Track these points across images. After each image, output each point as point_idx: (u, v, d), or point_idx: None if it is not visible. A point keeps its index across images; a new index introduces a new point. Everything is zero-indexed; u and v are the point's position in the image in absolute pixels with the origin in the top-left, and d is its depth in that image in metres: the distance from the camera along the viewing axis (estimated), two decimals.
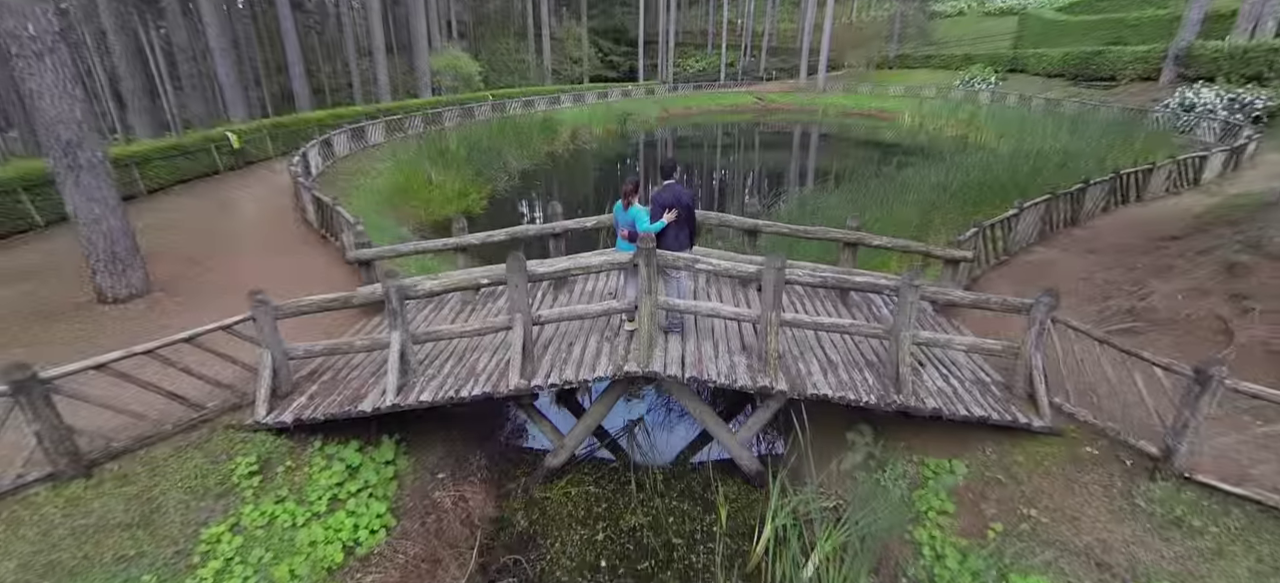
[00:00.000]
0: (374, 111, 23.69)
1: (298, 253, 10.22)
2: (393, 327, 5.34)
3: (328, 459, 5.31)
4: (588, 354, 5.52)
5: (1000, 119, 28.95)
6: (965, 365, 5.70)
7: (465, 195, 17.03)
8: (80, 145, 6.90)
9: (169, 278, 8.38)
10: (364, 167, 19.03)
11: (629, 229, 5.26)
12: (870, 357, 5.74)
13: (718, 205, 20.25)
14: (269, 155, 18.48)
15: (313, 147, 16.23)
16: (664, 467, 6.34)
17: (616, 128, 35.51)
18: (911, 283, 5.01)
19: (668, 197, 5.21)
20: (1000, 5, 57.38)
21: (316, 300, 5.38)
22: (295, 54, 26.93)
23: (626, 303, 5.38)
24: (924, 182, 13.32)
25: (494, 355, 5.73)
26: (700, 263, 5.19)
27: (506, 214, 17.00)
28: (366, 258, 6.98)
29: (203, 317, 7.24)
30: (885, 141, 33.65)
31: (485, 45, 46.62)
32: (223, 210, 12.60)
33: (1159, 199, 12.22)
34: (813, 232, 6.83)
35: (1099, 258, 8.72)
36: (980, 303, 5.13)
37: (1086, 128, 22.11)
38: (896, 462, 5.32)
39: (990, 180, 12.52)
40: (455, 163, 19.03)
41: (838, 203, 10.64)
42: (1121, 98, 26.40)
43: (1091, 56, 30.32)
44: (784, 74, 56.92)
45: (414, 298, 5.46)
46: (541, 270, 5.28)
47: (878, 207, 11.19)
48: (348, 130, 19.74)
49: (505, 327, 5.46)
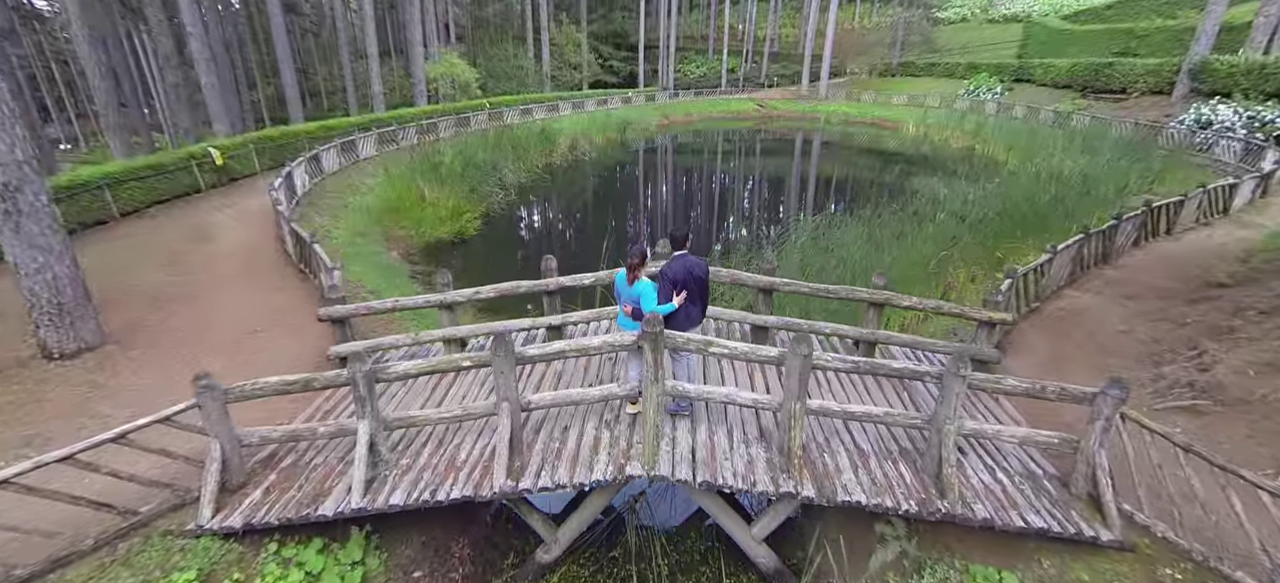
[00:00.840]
0: (366, 123, 22.98)
1: (276, 289, 9.52)
2: (361, 415, 4.65)
3: (283, 565, 4.61)
4: (584, 445, 4.84)
5: (1008, 131, 28.35)
6: (1013, 454, 5.03)
7: (459, 215, 16.33)
8: (20, 189, 6.19)
9: (127, 326, 7.68)
10: (354, 182, 18.34)
11: (633, 306, 4.58)
12: (904, 443, 5.06)
13: (718, 214, 19.61)
14: (255, 171, 17.76)
15: (299, 165, 15.51)
16: (670, 556, 5.65)
17: (616, 136, 34.85)
18: (958, 373, 4.33)
19: (679, 272, 4.53)
20: (1004, 12, 56.88)
21: (273, 383, 4.68)
22: (288, 61, 26.22)
23: (628, 390, 4.70)
24: (940, 209, 12.68)
25: (478, 441, 5.04)
26: (714, 347, 4.51)
27: (501, 235, 16.31)
28: (340, 316, 6.28)
29: (159, 375, 6.59)
30: (889, 151, 33.06)
31: (483, 51, 45.93)
32: (198, 237, 11.89)
33: (1189, 230, 11.57)
34: (835, 291, 6.16)
35: (1138, 306, 8.06)
36: (1036, 393, 4.46)
37: (1100, 145, 21.50)
38: (935, 565, 4.64)
39: (1011, 210, 11.88)
40: (450, 178, 18.34)
41: (854, 240, 9.98)
42: (1132, 112, 25.80)
43: (1101, 68, 29.73)
44: (785, 80, 56.32)
45: (385, 380, 4.77)
46: (531, 353, 4.59)
47: (894, 240, 10.52)
48: (338, 144, 19.03)
49: (490, 413, 4.77)
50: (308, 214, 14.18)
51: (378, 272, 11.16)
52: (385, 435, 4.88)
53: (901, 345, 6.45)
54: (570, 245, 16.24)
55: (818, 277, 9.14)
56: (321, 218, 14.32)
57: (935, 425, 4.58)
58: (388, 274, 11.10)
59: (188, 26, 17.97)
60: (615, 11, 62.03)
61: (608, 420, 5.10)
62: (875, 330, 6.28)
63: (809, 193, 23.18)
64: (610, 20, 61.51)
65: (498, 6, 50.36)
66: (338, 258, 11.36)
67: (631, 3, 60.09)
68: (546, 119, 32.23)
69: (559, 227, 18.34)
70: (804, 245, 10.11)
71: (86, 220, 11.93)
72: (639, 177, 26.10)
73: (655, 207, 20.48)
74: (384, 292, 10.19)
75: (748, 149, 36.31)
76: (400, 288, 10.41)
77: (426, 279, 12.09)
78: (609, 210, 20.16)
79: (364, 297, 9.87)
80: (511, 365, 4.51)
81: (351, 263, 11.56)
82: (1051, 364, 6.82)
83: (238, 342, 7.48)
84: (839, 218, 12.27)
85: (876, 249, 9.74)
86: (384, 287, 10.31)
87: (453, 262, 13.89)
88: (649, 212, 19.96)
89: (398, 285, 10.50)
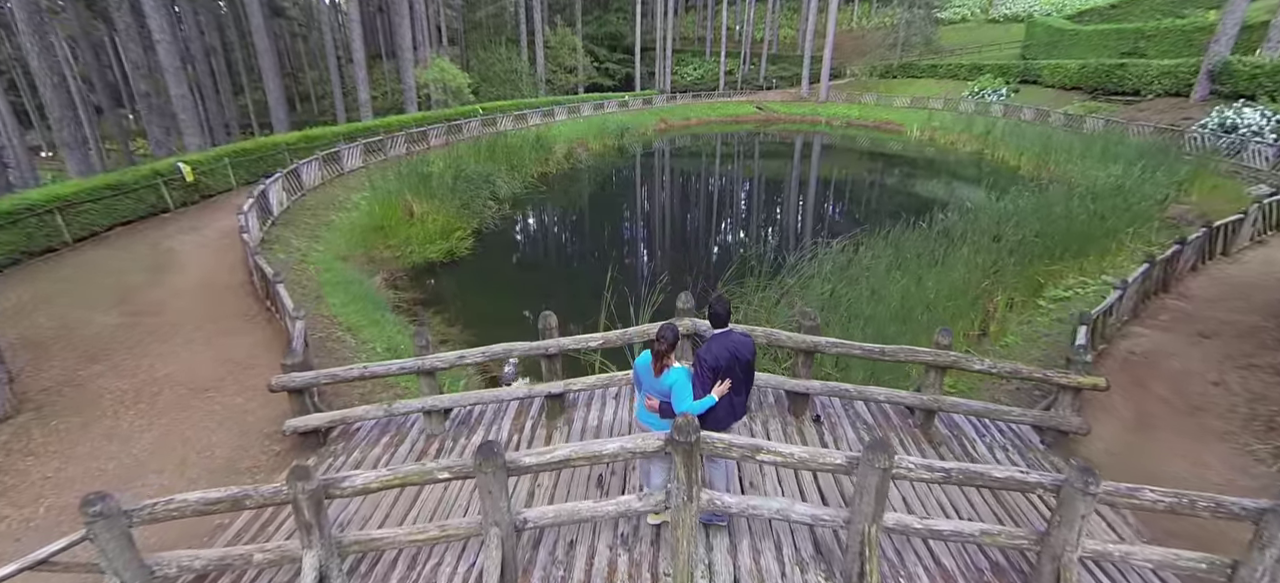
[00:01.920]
0: (351, 133, 21.84)
1: (238, 331, 8.42)
2: (307, 544, 3.58)
3: None
4: (597, 572, 3.79)
5: (1018, 135, 27.46)
6: (1140, 574, 4.01)
7: (449, 233, 15.24)
8: None
9: (53, 386, 6.57)
10: (337, 197, 17.23)
11: (662, 400, 3.54)
12: (997, 558, 4.04)
13: (723, 224, 18.55)
14: (231, 186, 16.62)
15: (274, 182, 14.38)
16: None
17: (614, 142, 33.80)
18: (1085, 489, 3.31)
19: (722, 357, 3.48)
20: (1004, 12, 56.21)
21: (192, 502, 3.60)
22: (272, 67, 25.05)
23: (651, 503, 3.65)
24: (970, 226, 11.68)
25: (462, 559, 3.99)
26: (763, 453, 3.47)
27: (495, 255, 15.21)
28: (297, 387, 5.20)
29: (78, 458, 5.37)
30: (895, 154, 32.18)
31: (476, 54, 44.81)
32: (157, 267, 10.76)
33: (1245, 249, 10.63)
34: (891, 352, 5.11)
35: (1221, 347, 7.07)
36: (1183, 509, 3.44)
37: (1118, 150, 20.62)
38: None
39: (1050, 229, 10.90)
40: (440, 192, 17.26)
41: (886, 271, 8.94)
42: (1148, 115, 24.94)
43: (1113, 69, 28.88)
44: (784, 82, 55.42)
45: (340, 496, 3.70)
46: (527, 462, 3.53)
47: (928, 265, 9.51)
48: (320, 157, 17.90)
49: (475, 533, 3.72)
50: (284, 236, 13.08)
51: (357, 304, 10.07)
52: (339, 562, 3.80)
53: (968, 413, 5.42)
54: (570, 262, 15.20)
55: (851, 313, 8.12)
56: (300, 240, 13.22)
57: (1049, 551, 3.55)
58: (368, 308, 10.01)
59: (155, 33, 16.76)
60: (611, 13, 60.99)
61: (624, 535, 4.05)
62: (938, 397, 5.25)
63: (821, 202, 22.19)
64: (605, 22, 60.47)
65: (491, 9, 49.23)
66: (310, 290, 10.28)
67: (627, 4, 59.13)
68: (542, 125, 31.17)
69: (557, 243, 17.28)
70: (831, 275, 9.08)
71: (33, 248, 10.78)
72: (638, 184, 25.08)
73: (655, 216, 19.45)
74: (362, 330, 9.11)
75: (749, 152, 35.33)
76: (379, 326, 9.33)
77: (411, 311, 11.01)
78: (609, 224, 19.12)
79: (339, 335, 8.78)
80: (502, 484, 3.45)
81: (330, 292, 10.48)
82: (1137, 429, 5.81)
83: (183, 404, 6.39)
84: (862, 236, 11.25)
85: (912, 279, 8.72)
86: (362, 324, 9.22)
87: (443, 286, 12.81)
88: (648, 222, 18.94)
89: (377, 323, 9.42)
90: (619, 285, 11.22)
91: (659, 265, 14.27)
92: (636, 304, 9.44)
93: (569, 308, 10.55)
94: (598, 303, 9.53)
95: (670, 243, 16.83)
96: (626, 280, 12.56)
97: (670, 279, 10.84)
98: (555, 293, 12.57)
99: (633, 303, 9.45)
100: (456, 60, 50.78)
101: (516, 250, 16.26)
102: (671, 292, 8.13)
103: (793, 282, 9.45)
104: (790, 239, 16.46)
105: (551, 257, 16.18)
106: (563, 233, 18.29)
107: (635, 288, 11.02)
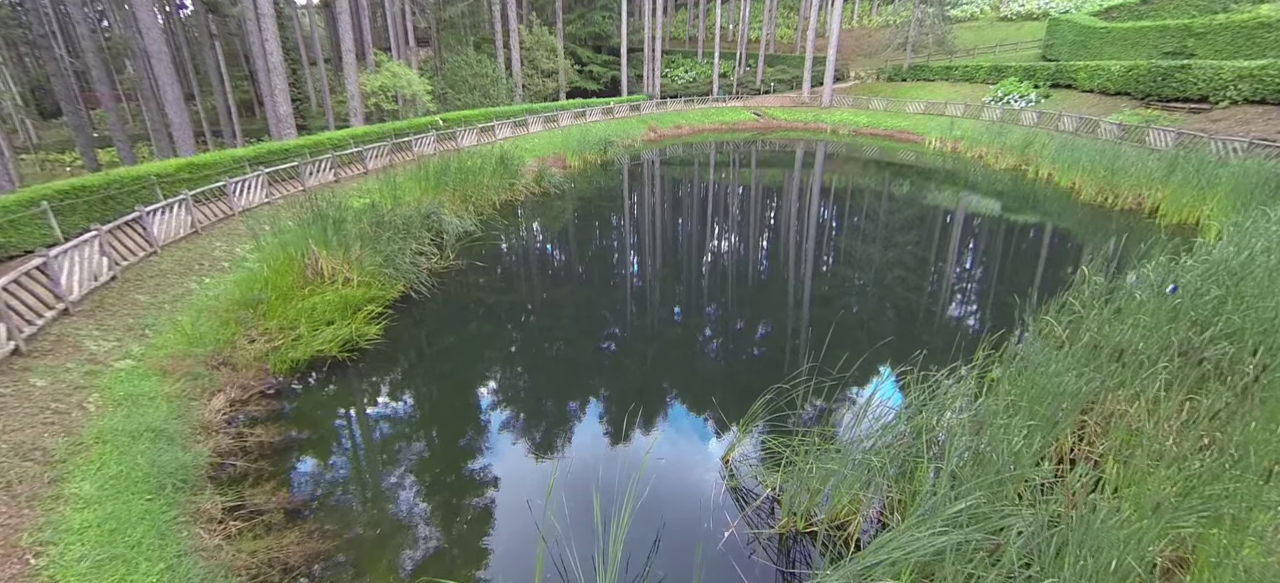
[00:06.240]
0: (260, 156, 17.27)
1: None
2: None
3: None
4: None
5: (1068, 150, 23.55)
6: None
7: (356, 308, 10.81)
8: None
9: None
10: (213, 252, 12.71)
11: None
12: None
13: (716, 238, 13.90)
14: (58, 239, 12.01)
15: (86, 242, 9.79)
16: None
17: (596, 157, 29.46)
18: None
19: None
20: (1018, 9, 52.81)
21: None
22: (169, 76, 20.36)
23: None
24: (1088, 315, 7.46)
25: None
26: None
27: (419, 338, 10.72)
28: None
29: None
30: (924, 168, 28.21)
31: (442, 57, 40.21)
32: None
33: None
34: None
35: None
36: None
37: (1218, 174, 16.73)
38: None
39: (1216, 316, 6.71)
40: (361, 238, 12.81)
41: (1063, 368, 4.68)
42: (1228, 127, 21.17)
43: (1172, 72, 25.13)
44: (783, 86, 51.46)
45: None
46: None
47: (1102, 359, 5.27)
48: (186, 197, 13.37)
49: None
50: (78, 336, 8.57)
51: (124, 506, 5.60)
52: None
53: None
54: (533, 345, 10.66)
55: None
56: (109, 337, 8.72)
57: None
58: (139, 525, 5.53)
59: None
60: (595, 11, 56.63)
61: None
62: None
63: (829, 213, 18.00)
64: (589, 21, 56.13)
65: (462, 6, 44.65)
66: (53, 458, 5.69)
67: (612, 1, 54.87)
68: (511, 140, 26.74)
69: (514, 312, 12.81)
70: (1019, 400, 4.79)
71: None
72: (628, 212, 20.71)
73: (653, 256, 15.07)
74: None
75: (745, 160, 31.09)
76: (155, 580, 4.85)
77: (244, 478, 6.46)
78: (593, 272, 14.75)
79: None
80: None
81: (87, 470, 6.01)
82: None
83: None
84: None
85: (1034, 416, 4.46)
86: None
87: (319, 410, 8.33)
88: (643, 267, 14.57)
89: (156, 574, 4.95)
90: (611, 388, 6.86)
91: (667, 351, 9.95)
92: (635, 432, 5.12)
93: (522, 459, 6.24)
94: (566, 432, 5.21)
95: (684, 303, 12.46)
96: (619, 374, 8.21)
97: (686, 388, 6.53)
98: (504, 416, 8.21)
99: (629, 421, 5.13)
100: (428, 63, 46.06)
101: (453, 328, 11.56)
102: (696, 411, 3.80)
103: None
104: (851, 288, 12.16)
105: (504, 338, 11.35)
106: (524, 294, 13.82)
107: (629, 394, 6.73)
